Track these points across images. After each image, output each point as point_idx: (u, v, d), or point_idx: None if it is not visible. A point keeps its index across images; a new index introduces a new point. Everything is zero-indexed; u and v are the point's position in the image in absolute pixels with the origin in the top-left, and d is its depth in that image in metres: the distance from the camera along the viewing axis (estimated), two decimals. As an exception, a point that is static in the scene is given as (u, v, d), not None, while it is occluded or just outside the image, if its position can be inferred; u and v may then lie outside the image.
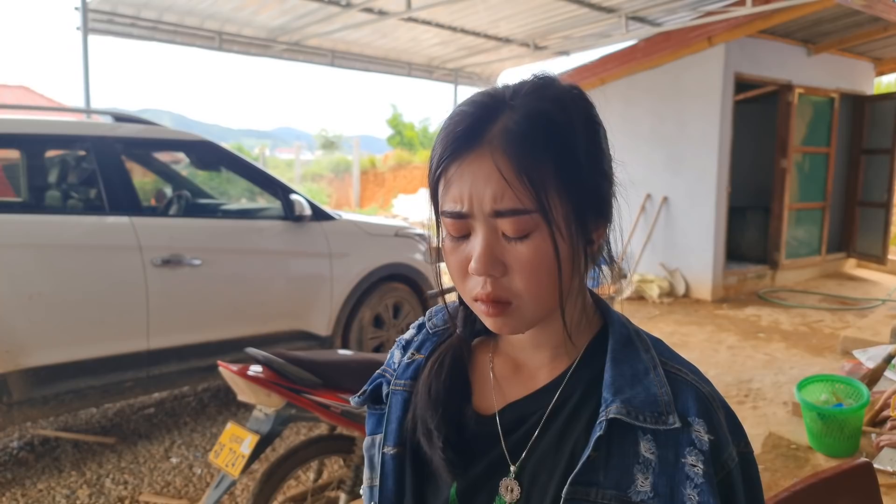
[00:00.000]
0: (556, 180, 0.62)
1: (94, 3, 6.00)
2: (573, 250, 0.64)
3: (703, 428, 0.63)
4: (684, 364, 0.69)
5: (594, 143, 0.67)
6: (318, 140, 32.36)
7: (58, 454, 3.35)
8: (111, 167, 3.43)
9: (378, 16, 6.43)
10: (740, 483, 0.65)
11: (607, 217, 0.69)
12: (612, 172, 0.70)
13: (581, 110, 0.66)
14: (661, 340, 0.72)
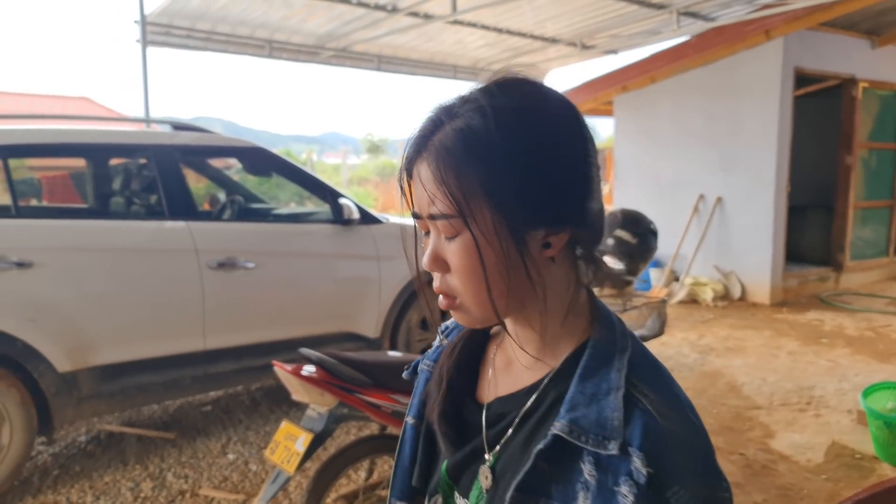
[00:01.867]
0: (481, 189, 0.64)
1: (153, 17, 6.24)
2: (504, 255, 0.65)
3: (641, 460, 0.60)
4: (661, 392, 0.65)
5: (539, 153, 0.65)
6: (363, 144, 32.81)
7: (122, 448, 3.50)
8: (170, 174, 3.57)
9: (423, 19, 6.48)
10: None
11: (565, 223, 0.66)
12: (582, 178, 0.68)
13: (523, 122, 0.65)
14: (652, 363, 0.69)
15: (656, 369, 0.69)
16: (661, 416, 0.62)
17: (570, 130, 0.68)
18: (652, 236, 2.61)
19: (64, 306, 3.05)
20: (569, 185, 0.66)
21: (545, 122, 0.66)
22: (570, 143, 0.67)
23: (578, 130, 0.69)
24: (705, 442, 0.65)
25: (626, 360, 0.67)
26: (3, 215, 3.18)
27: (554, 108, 0.68)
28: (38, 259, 2.99)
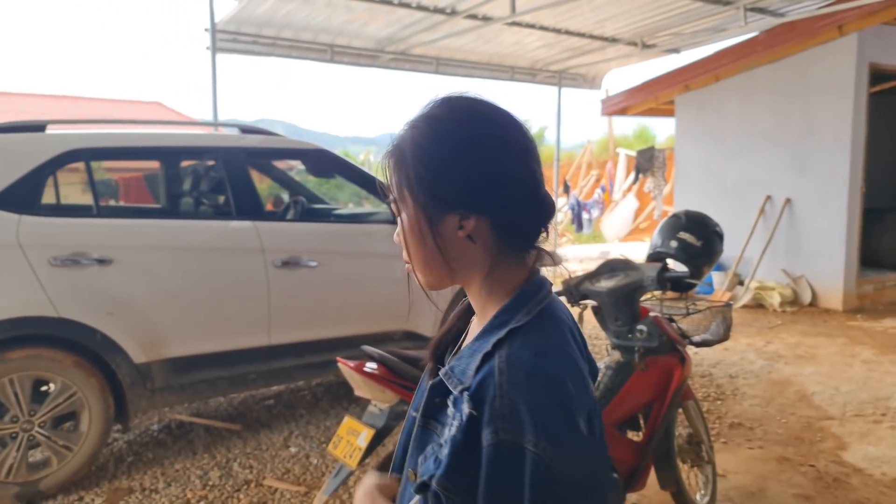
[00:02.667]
0: (407, 183, 0.82)
1: (222, 24, 6.48)
2: (420, 233, 0.82)
3: (468, 403, 0.72)
4: (514, 356, 0.74)
5: (448, 156, 0.80)
6: (421, 146, 33.04)
7: (191, 438, 3.65)
8: (238, 175, 3.70)
9: (482, 21, 6.50)
10: (486, 466, 0.70)
11: (478, 211, 0.80)
12: (496, 174, 0.80)
13: (437, 133, 0.82)
14: (534, 340, 0.77)
15: (533, 343, 0.76)
16: (500, 373, 0.73)
17: (483, 136, 0.81)
18: (718, 239, 2.54)
19: (139, 301, 3.21)
20: (479, 180, 0.80)
21: (456, 132, 0.82)
22: (481, 147, 0.81)
23: (491, 136, 0.82)
24: (534, 399, 0.71)
25: (507, 329, 0.77)
26: (86, 214, 3.38)
27: (468, 120, 0.83)
28: (117, 256, 3.16)
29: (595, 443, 0.75)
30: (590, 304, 2.61)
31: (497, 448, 0.69)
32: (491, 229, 0.81)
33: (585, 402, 0.75)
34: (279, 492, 3.01)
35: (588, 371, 0.83)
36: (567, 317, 0.87)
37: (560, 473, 0.69)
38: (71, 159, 3.26)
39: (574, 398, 0.73)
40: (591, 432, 0.74)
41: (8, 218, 2.96)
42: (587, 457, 0.73)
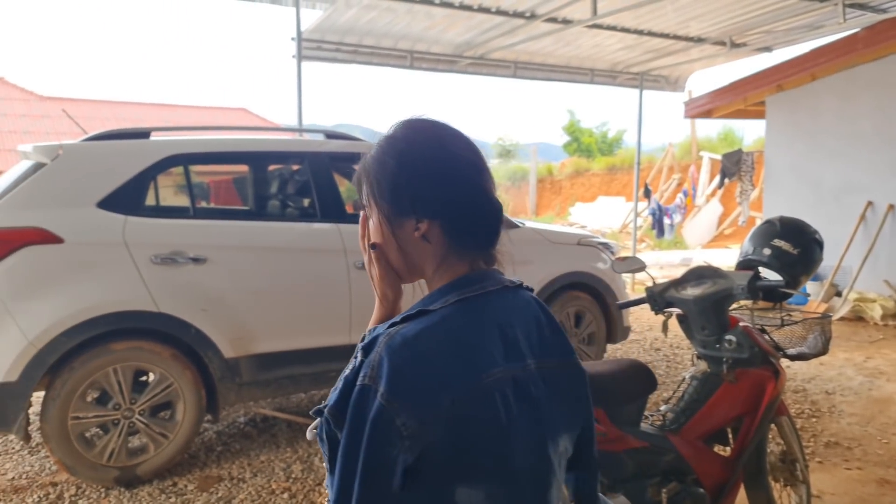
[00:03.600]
0: (372, 193, 0.97)
1: (307, 33, 6.71)
2: (384, 233, 0.96)
3: (361, 353, 0.87)
4: (406, 327, 0.87)
5: (403, 173, 0.94)
6: (494, 149, 33.00)
7: (275, 431, 3.80)
8: (322, 179, 3.82)
9: (562, 25, 6.43)
10: (351, 401, 0.84)
11: (430, 216, 0.93)
12: (445, 186, 0.94)
13: (396, 152, 0.96)
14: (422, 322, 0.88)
15: (426, 322, 0.88)
16: (387, 336, 0.86)
17: (427, 156, 0.95)
18: (817, 247, 2.41)
19: (229, 299, 3.37)
20: (431, 191, 0.93)
21: (412, 150, 0.96)
22: (433, 163, 0.94)
23: (438, 154, 0.95)
24: (397, 362, 0.83)
25: (417, 310, 0.90)
26: (183, 216, 3.58)
27: (423, 140, 0.97)
28: (210, 255, 3.33)
29: (459, 415, 0.83)
30: (675, 313, 2.54)
31: (361, 389, 0.84)
32: (442, 232, 0.94)
33: (464, 380, 0.85)
34: (357, 488, 3.08)
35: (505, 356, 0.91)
36: (501, 313, 0.93)
37: (399, 426, 0.80)
38: (171, 164, 3.46)
39: (440, 373, 0.84)
40: (462, 406, 0.83)
41: (115, 218, 3.17)
42: (433, 421, 0.82)
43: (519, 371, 0.91)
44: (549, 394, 0.93)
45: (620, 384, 2.24)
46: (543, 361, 0.94)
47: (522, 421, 0.88)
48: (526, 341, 0.94)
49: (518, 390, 0.89)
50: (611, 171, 21.16)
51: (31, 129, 21.12)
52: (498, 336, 0.90)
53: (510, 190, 23.62)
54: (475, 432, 0.84)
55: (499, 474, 0.86)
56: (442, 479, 0.82)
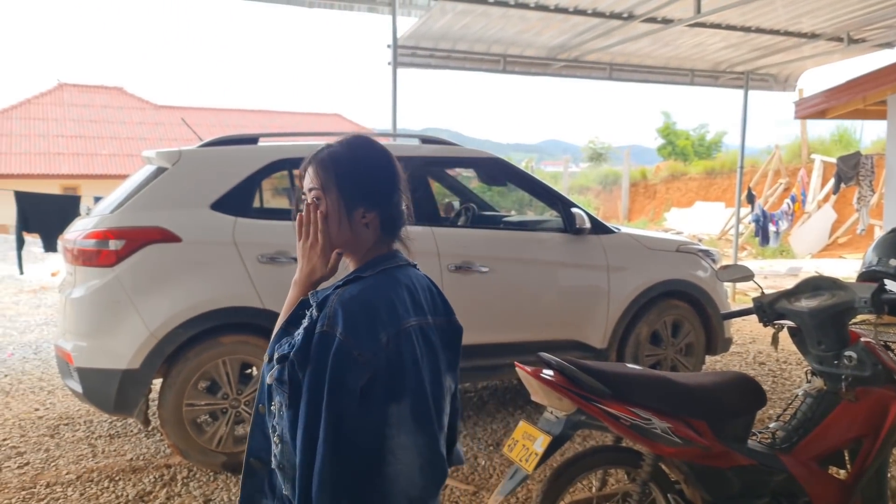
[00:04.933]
0: (332, 186, 1.24)
1: (402, 40, 6.86)
2: (340, 218, 1.24)
3: (316, 308, 1.16)
4: (350, 291, 1.16)
5: (358, 174, 1.25)
6: (585, 152, 32.40)
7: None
8: (417, 183, 3.89)
9: (661, 25, 6.23)
10: (314, 346, 1.11)
11: (373, 209, 1.25)
12: (383, 189, 1.27)
13: (351, 158, 1.26)
14: (366, 285, 1.18)
15: (364, 283, 1.19)
16: (337, 294, 1.16)
17: (377, 165, 1.28)
18: (953, 258, 2.21)
19: (329, 298, 3.50)
20: (375, 190, 1.26)
21: (362, 159, 1.27)
22: (376, 171, 1.27)
23: (383, 166, 1.28)
24: (349, 310, 1.12)
25: (355, 276, 1.21)
26: (288, 218, 3.74)
27: (369, 153, 1.28)
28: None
29: (392, 348, 1.12)
30: (786, 325, 2.40)
31: (321, 335, 1.11)
32: (378, 221, 1.25)
33: (392, 324, 1.14)
34: (449, 488, 3.11)
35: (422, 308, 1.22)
36: (409, 281, 1.24)
37: (356, 355, 1.09)
38: (277, 168, 3.65)
39: (379, 318, 1.13)
40: (393, 342, 1.12)
41: (226, 220, 3.38)
42: (374, 355, 1.10)
43: (423, 322, 1.20)
44: (440, 341, 1.23)
45: (726, 398, 2.15)
46: (436, 318, 1.25)
47: (428, 358, 1.18)
48: (424, 303, 1.24)
49: (423, 335, 1.19)
50: (709, 175, 20.24)
51: (146, 135, 22.88)
52: (408, 296, 1.20)
53: (601, 194, 23.10)
54: (402, 362, 1.13)
55: (416, 395, 1.14)
56: (382, 397, 1.10)
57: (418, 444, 1.12)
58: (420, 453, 1.12)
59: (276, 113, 27.10)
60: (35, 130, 21.53)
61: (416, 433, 1.12)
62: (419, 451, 1.12)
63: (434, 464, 1.15)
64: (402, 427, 1.11)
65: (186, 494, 3.10)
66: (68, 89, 24.15)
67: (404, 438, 1.11)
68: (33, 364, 5.55)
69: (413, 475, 1.12)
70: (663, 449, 2.04)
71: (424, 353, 1.17)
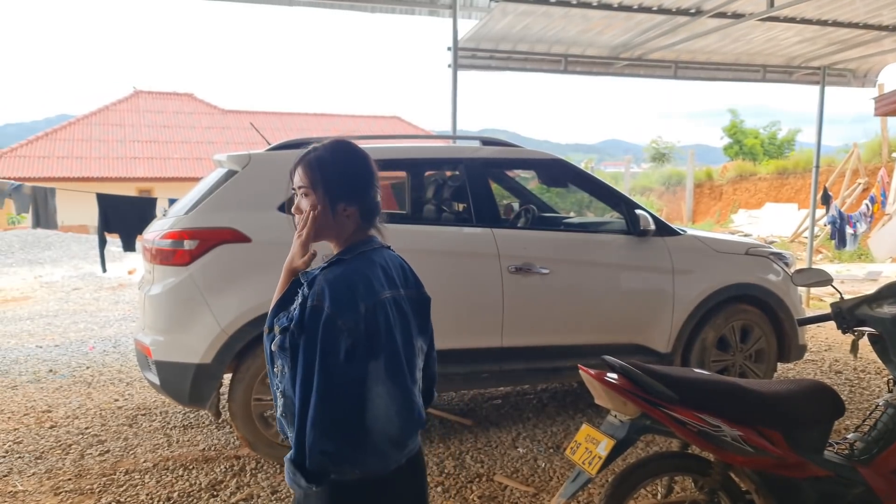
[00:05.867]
0: (320, 184, 1.45)
1: (462, 42, 6.88)
2: (325, 211, 1.45)
3: (307, 286, 1.40)
4: (332, 271, 1.41)
5: (342, 174, 1.48)
6: (647, 152, 31.66)
7: (428, 427, 3.95)
8: (478, 184, 3.91)
9: (731, 20, 6.03)
10: (306, 319, 1.35)
11: (353, 203, 1.47)
12: (361, 187, 1.49)
13: (335, 160, 1.48)
14: (346, 266, 1.42)
15: (345, 265, 1.43)
16: (322, 273, 1.40)
17: (356, 166, 1.50)
18: None
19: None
20: (356, 187, 1.48)
21: (343, 161, 1.49)
22: (356, 172, 1.49)
23: (361, 166, 1.50)
24: (334, 287, 1.36)
25: (337, 258, 1.45)
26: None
27: (349, 156, 1.51)
28: (374, 256, 3.54)
29: (369, 316, 1.36)
30: (866, 332, 2.29)
31: (312, 309, 1.35)
32: (358, 214, 1.48)
33: (369, 297, 1.38)
34: (509, 489, 3.11)
35: (392, 282, 1.46)
36: (383, 260, 1.48)
37: (339, 326, 1.33)
38: (341, 170, 3.73)
39: (358, 293, 1.37)
40: (370, 311, 1.37)
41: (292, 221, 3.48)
42: (355, 323, 1.34)
43: (396, 294, 1.46)
44: (411, 309, 1.50)
45: (801, 406, 2.07)
46: (407, 290, 1.51)
47: (401, 323, 1.44)
48: (396, 278, 1.49)
49: (396, 305, 1.44)
50: (780, 175, 19.42)
51: (214, 139, 23.80)
52: (382, 274, 1.45)
53: (664, 195, 22.53)
54: (378, 328, 1.38)
55: (392, 354, 1.39)
56: (364, 356, 1.35)
57: (393, 393, 1.38)
58: (395, 400, 1.39)
59: (337, 116, 27.68)
60: (113, 136, 22.75)
61: (392, 384, 1.38)
62: (394, 399, 1.38)
63: (408, 408, 1.42)
64: (379, 380, 1.36)
65: (255, 485, 3.21)
66: (143, 96, 25.40)
67: (381, 388, 1.37)
68: (113, 357, 5.87)
69: (390, 418, 1.38)
70: (733, 457, 1.98)
71: (397, 320, 1.42)
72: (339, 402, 1.33)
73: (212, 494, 3.13)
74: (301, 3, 6.40)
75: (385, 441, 1.38)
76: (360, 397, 1.34)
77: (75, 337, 6.80)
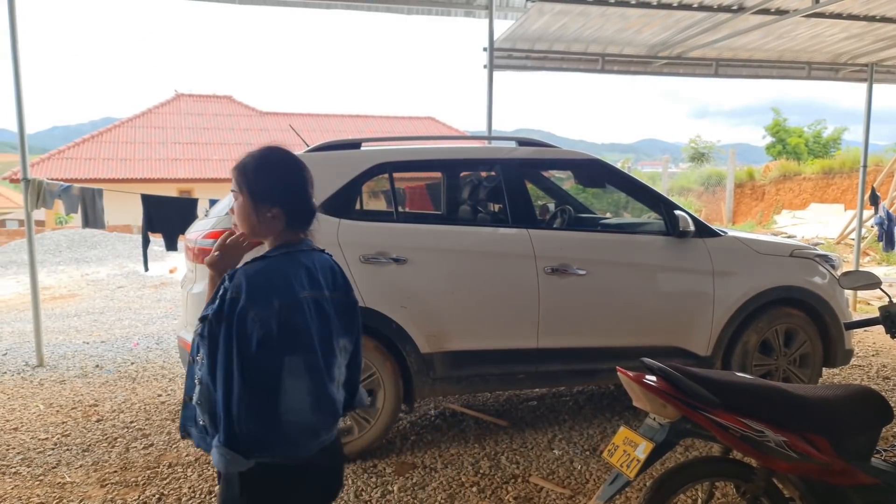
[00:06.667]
0: (244, 187, 1.57)
1: (498, 42, 6.88)
2: (248, 211, 1.57)
3: (228, 282, 1.49)
4: (249, 268, 1.50)
5: (264, 177, 1.57)
6: (685, 152, 31.08)
7: (463, 427, 3.95)
8: (514, 185, 3.90)
9: (775, 16, 5.89)
10: (224, 308, 1.46)
11: (275, 205, 1.55)
12: (284, 189, 1.58)
13: (257, 164, 1.58)
14: (260, 265, 1.51)
15: (267, 260, 1.53)
16: (244, 267, 1.51)
17: (283, 171, 1.59)
18: None
19: (426, 298, 3.57)
20: (278, 192, 1.56)
21: (269, 167, 1.58)
22: (281, 177, 1.58)
23: (287, 171, 1.59)
24: (251, 281, 1.46)
25: (263, 255, 1.55)
26: (388, 219, 3.87)
27: (277, 162, 1.60)
28: (410, 256, 3.56)
29: (285, 312, 1.46)
30: (919, 337, 2.21)
31: (230, 300, 1.45)
32: (284, 215, 1.56)
33: (286, 294, 1.48)
34: (545, 491, 3.10)
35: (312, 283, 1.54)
36: (310, 262, 1.57)
37: (252, 318, 1.43)
38: (378, 172, 3.76)
39: (274, 288, 1.47)
40: (286, 308, 1.46)
41: (330, 221, 3.52)
42: (267, 317, 1.44)
43: (318, 294, 1.54)
44: (334, 311, 1.58)
45: (848, 412, 2.02)
46: (334, 293, 1.60)
47: (319, 323, 1.52)
48: (324, 280, 1.58)
49: (317, 305, 1.53)
50: (826, 174, 18.86)
51: (252, 141, 24.21)
52: (305, 274, 1.54)
53: (703, 195, 22.09)
54: (295, 325, 1.47)
55: (307, 350, 1.49)
56: (278, 349, 1.45)
57: (309, 387, 1.49)
58: (310, 393, 1.49)
59: (372, 117, 27.89)
60: (155, 138, 23.36)
61: (308, 379, 1.49)
62: (309, 392, 1.49)
63: (323, 402, 1.52)
64: (294, 373, 1.47)
65: (293, 481, 3.26)
66: (184, 99, 26.02)
67: (298, 382, 1.48)
68: (156, 353, 6.04)
69: (305, 409, 1.49)
70: (777, 463, 1.94)
71: (315, 319, 1.51)
72: (256, 386, 1.43)
73: (251, 489, 3.19)
74: (339, 7, 6.48)
75: (298, 431, 1.48)
76: (274, 387, 1.45)
77: (120, 333, 7.01)
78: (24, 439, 3.85)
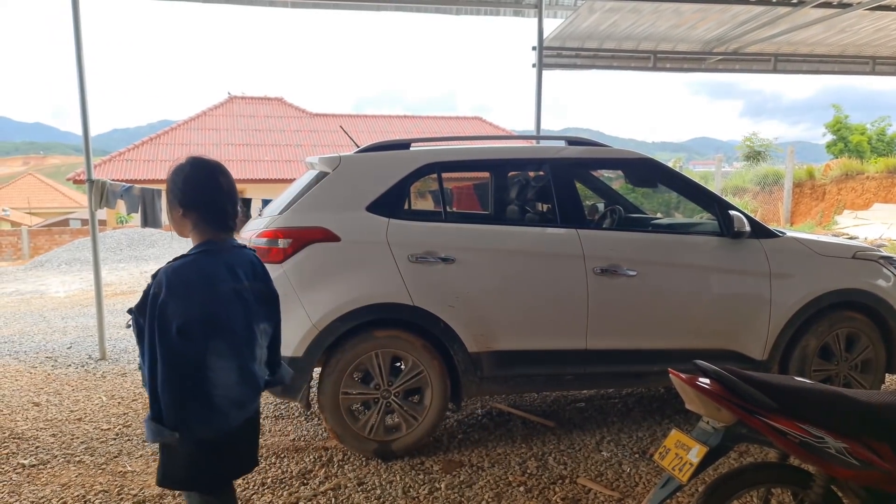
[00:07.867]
0: (169, 189, 1.87)
1: (547, 41, 6.84)
2: (172, 213, 1.86)
3: (154, 278, 1.75)
4: (172, 265, 1.76)
5: (178, 185, 1.84)
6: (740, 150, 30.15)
7: (510, 427, 3.95)
8: (563, 185, 3.87)
9: (837, 10, 5.68)
10: (148, 303, 1.73)
11: (184, 208, 1.84)
12: (192, 195, 1.84)
13: (177, 173, 1.86)
14: (181, 263, 1.77)
15: (186, 259, 1.78)
16: (166, 265, 1.76)
17: (197, 178, 1.85)
18: None
19: (474, 297, 3.57)
20: (190, 197, 1.83)
21: (184, 175, 1.85)
22: (195, 182, 1.85)
23: (202, 177, 1.86)
24: (171, 278, 1.72)
25: (184, 254, 1.79)
26: (436, 219, 3.89)
27: (192, 170, 1.86)
28: (458, 256, 3.57)
29: (206, 303, 1.73)
30: None
31: (153, 295, 1.70)
32: (199, 218, 1.83)
33: (205, 287, 1.74)
34: (592, 493, 3.07)
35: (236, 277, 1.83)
36: (231, 258, 1.84)
37: (171, 309, 1.68)
38: (427, 172, 3.79)
39: (191, 282, 1.72)
40: (207, 300, 1.74)
41: (380, 220, 3.57)
42: (187, 308, 1.70)
43: (238, 286, 1.81)
44: (255, 299, 1.86)
45: (915, 420, 1.93)
46: (254, 283, 1.87)
47: (240, 310, 1.80)
48: (244, 273, 1.85)
49: (237, 295, 1.80)
50: (891, 173, 17.99)
51: (302, 142, 24.70)
52: (226, 269, 1.80)
53: (759, 195, 21.37)
54: (216, 312, 1.74)
55: (229, 334, 1.77)
56: (202, 335, 1.71)
57: (232, 366, 1.77)
58: (234, 371, 1.77)
59: (420, 118, 28.07)
60: (209, 140, 24.08)
61: (231, 359, 1.76)
62: (233, 370, 1.77)
63: (246, 378, 1.82)
64: (218, 354, 1.73)
65: (342, 476, 3.33)
66: (237, 101, 26.74)
67: (222, 362, 1.74)
68: (211, 348, 6.23)
69: (231, 385, 1.77)
70: (838, 471, 1.87)
71: (238, 307, 1.79)
72: (182, 370, 1.69)
73: (302, 482, 3.27)
74: (389, 8, 6.56)
75: (227, 403, 1.77)
76: (202, 366, 1.71)
77: (177, 329, 7.26)
78: (88, 429, 4.04)
